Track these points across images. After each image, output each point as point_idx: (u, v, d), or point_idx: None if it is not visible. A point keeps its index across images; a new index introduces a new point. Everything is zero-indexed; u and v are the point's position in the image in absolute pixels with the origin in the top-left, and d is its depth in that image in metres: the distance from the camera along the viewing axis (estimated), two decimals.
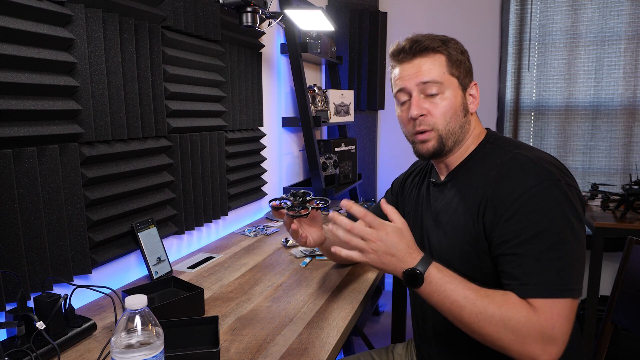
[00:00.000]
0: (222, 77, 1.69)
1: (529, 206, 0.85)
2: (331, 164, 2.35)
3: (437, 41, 0.99)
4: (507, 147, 0.97)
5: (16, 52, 0.93)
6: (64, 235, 1.05)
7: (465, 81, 1.01)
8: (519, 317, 0.80)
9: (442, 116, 0.98)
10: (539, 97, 2.80)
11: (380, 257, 0.88)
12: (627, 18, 2.59)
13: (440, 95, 0.98)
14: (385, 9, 3.04)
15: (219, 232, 1.77)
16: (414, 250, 0.89)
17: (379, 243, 0.87)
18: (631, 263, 1.18)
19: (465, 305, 0.83)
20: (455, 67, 0.99)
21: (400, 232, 0.89)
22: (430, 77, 0.97)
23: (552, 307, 0.81)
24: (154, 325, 0.70)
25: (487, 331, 0.82)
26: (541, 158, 0.91)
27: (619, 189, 2.57)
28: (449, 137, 0.99)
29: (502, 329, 0.80)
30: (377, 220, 0.89)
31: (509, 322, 0.80)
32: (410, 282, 0.86)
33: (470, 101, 1.02)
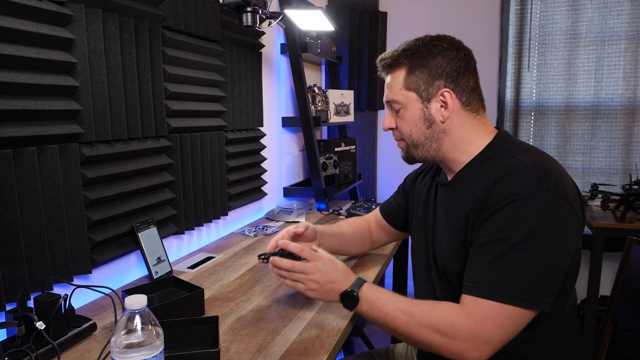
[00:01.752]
0: (222, 77, 1.69)
1: (506, 211, 0.86)
2: (331, 164, 2.35)
3: (398, 54, 0.99)
4: (513, 151, 0.95)
5: (16, 52, 0.93)
6: (64, 235, 1.05)
7: (429, 91, 0.97)
8: (446, 320, 0.85)
9: (404, 129, 1.02)
10: (539, 97, 2.80)
11: (323, 286, 0.97)
12: (627, 18, 2.59)
13: (402, 110, 1.01)
14: (385, 9, 3.04)
15: (219, 232, 1.77)
16: (349, 274, 0.99)
17: (319, 274, 0.97)
18: (631, 263, 1.18)
19: (396, 316, 0.90)
20: (413, 78, 0.97)
21: (333, 262, 1.00)
22: (389, 96, 1.02)
23: (483, 308, 0.84)
24: (154, 325, 0.70)
25: (418, 336, 0.88)
26: (539, 166, 0.88)
27: (619, 189, 2.57)
28: (416, 147, 1.02)
29: (431, 333, 0.86)
30: (312, 254, 1.00)
31: (436, 325, 0.86)
32: (348, 302, 0.95)
33: (436, 111, 0.98)
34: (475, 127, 1.00)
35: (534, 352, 0.93)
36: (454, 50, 0.97)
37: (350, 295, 0.94)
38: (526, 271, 0.83)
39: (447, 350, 0.85)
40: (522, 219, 0.83)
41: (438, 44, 0.97)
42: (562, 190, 0.85)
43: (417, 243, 1.14)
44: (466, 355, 0.84)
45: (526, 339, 0.91)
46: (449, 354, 0.86)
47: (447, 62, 0.96)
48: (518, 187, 0.85)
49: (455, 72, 0.97)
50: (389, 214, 1.31)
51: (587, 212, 2.21)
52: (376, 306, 0.93)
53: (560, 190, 0.85)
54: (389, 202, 1.32)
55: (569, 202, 0.85)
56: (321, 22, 1.94)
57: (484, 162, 0.97)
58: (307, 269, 0.98)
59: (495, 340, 0.83)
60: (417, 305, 0.90)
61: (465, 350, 0.84)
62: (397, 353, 1.30)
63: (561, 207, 0.84)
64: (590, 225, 2.06)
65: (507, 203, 0.85)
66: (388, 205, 1.32)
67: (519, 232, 0.83)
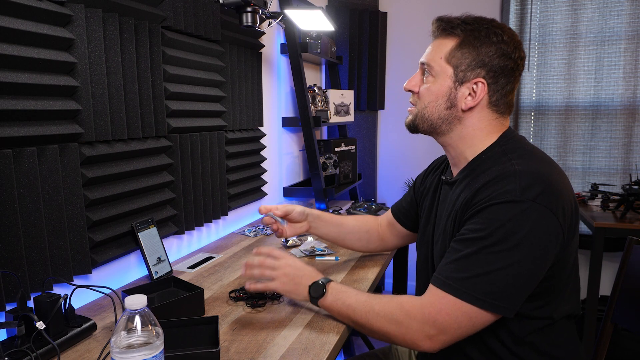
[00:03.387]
0: (222, 77, 1.69)
1: (485, 213, 0.86)
2: (331, 164, 2.35)
3: (459, 23, 0.96)
4: (511, 153, 0.93)
5: (16, 52, 0.93)
6: (64, 235, 1.05)
7: (467, 74, 0.94)
8: (402, 310, 0.89)
9: (423, 97, 0.99)
10: (539, 97, 2.80)
11: (293, 279, 1.03)
12: (627, 18, 2.59)
13: (431, 79, 0.98)
14: (385, 9, 3.04)
15: (219, 232, 1.77)
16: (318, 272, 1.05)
17: (289, 268, 1.04)
18: (631, 263, 1.18)
19: (356, 308, 0.95)
20: (460, 54, 0.94)
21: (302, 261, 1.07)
22: (426, 59, 0.99)
23: (441, 299, 0.85)
24: (153, 325, 0.70)
25: (376, 326, 0.92)
26: (529, 173, 0.86)
27: (619, 189, 2.57)
28: (423, 120, 1.00)
29: (387, 322, 0.90)
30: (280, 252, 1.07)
31: (392, 315, 0.90)
32: (315, 291, 1.01)
33: (464, 97, 0.95)
34: (490, 127, 0.98)
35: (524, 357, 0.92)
36: (511, 47, 0.93)
37: (319, 286, 1.00)
38: (491, 274, 0.83)
39: (402, 339, 0.89)
40: (497, 222, 0.83)
41: (499, 33, 0.93)
42: (547, 199, 0.83)
43: (420, 241, 1.14)
44: (419, 343, 0.87)
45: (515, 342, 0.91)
46: (403, 343, 0.90)
47: (498, 56, 0.93)
48: (502, 192, 0.85)
49: (500, 69, 0.93)
50: (399, 213, 1.30)
51: (587, 212, 2.21)
52: (340, 298, 0.98)
53: (544, 199, 0.83)
54: (400, 201, 1.32)
55: (551, 212, 0.83)
56: (321, 22, 1.94)
57: (483, 163, 0.96)
58: (277, 264, 1.05)
59: (449, 330, 0.85)
60: (377, 298, 0.95)
61: (417, 339, 0.87)
62: (397, 353, 1.30)
63: (540, 215, 0.83)
64: (590, 225, 2.06)
65: (488, 206, 0.86)
66: (399, 205, 1.31)
67: (492, 235, 0.83)
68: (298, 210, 1.24)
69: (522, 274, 0.83)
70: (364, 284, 1.24)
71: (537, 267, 0.84)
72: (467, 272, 0.84)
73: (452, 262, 0.87)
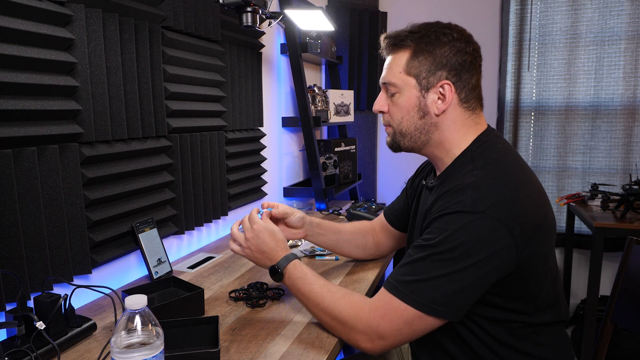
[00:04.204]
0: (222, 77, 1.69)
1: (437, 222, 0.88)
2: (331, 164, 2.35)
3: (407, 34, 0.95)
4: (477, 161, 0.93)
5: (16, 52, 0.93)
6: (64, 235, 1.05)
7: (429, 80, 0.94)
8: (349, 312, 0.91)
9: (395, 115, 1.00)
10: (539, 97, 2.80)
11: (254, 253, 1.07)
12: (627, 18, 2.59)
13: (397, 95, 0.98)
14: (385, 9, 3.04)
15: (219, 232, 1.77)
16: (281, 249, 1.05)
17: (252, 241, 1.07)
18: (631, 263, 1.18)
19: (309, 298, 0.98)
20: (416, 63, 0.94)
21: (271, 233, 1.07)
22: (387, 78, 0.99)
23: (387, 304, 0.87)
24: (154, 325, 0.70)
25: (323, 320, 0.96)
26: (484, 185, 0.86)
27: (619, 189, 2.57)
28: (403, 136, 1.00)
29: (333, 320, 0.94)
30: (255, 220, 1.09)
31: (339, 314, 0.92)
32: (273, 275, 1.03)
33: (432, 102, 0.95)
34: (466, 127, 0.97)
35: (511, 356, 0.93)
36: (463, 42, 0.94)
37: (275, 271, 1.03)
38: (435, 279, 0.84)
39: (346, 338, 0.93)
40: (446, 231, 0.84)
41: (448, 33, 0.93)
42: (498, 211, 0.82)
43: (407, 244, 1.16)
44: (361, 344, 0.90)
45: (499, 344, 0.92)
46: (347, 341, 0.93)
47: (454, 54, 0.93)
48: (454, 203, 0.86)
49: (460, 66, 0.93)
50: (391, 216, 1.31)
51: (587, 212, 2.21)
52: (295, 285, 1.00)
53: (495, 211, 0.82)
54: (392, 204, 1.32)
55: (502, 224, 0.82)
56: (321, 22, 1.94)
57: (455, 171, 0.96)
58: (246, 234, 1.08)
59: (390, 337, 0.88)
60: (330, 292, 0.96)
61: (360, 340, 0.90)
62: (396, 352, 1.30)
63: (489, 227, 0.82)
64: (590, 225, 2.06)
65: (440, 215, 0.87)
66: (391, 208, 1.31)
67: (441, 243, 0.84)
68: (298, 216, 1.22)
69: (466, 282, 0.84)
70: (364, 284, 1.24)
71: (481, 277, 0.84)
72: (413, 276, 0.86)
73: (403, 265, 0.89)
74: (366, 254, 1.38)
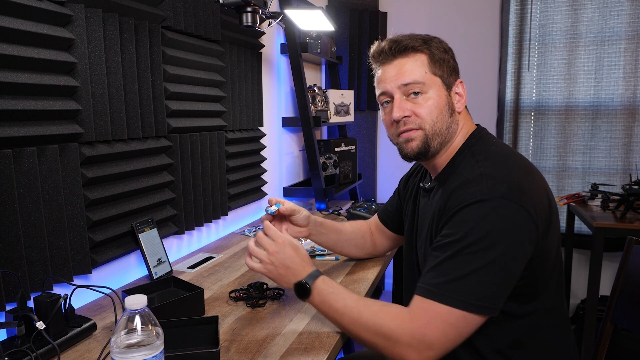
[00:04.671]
0: (222, 77, 1.69)
1: (457, 217, 0.86)
2: (331, 164, 2.35)
3: (418, 40, 0.97)
4: (478, 155, 0.94)
5: (16, 52, 0.93)
6: (64, 235, 1.05)
7: (450, 80, 0.99)
8: (391, 324, 0.85)
9: (428, 116, 0.96)
10: (539, 97, 2.80)
11: (277, 269, 0.98)
12: (627, 18, 2.59)
13: (423, 95, 0.96)
14: (385, 9, 3.04)
15: (219, 232, 1.77)
16: (307, 264, 0.98)
17: (277, 255, 0.98)
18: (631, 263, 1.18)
19: (344, 313, 0.91)
20: (437, 66, 0.97)
21: (296, 247, 0.99)
22: (412, 78, 0.95)
23: (428, 311, 0.83)
24: (154, 325, 0.70)
25: (363, 336, 0.89)
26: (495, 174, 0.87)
27: (619, 189, 2.56)
28: (435, 137, 0.97)
29: (374, 335, 0.87)
30: (277, 234, 1.00)
31: (380, 328, 0.86)
32: (300, 293, 0.96)
33: (456, 100, 1.00)
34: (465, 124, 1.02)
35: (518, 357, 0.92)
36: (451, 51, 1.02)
37: (303, 287, 0.95)
38: (471, 275, 0.82)
39: (390, 353, 0.86)
40: (470, 223, 0.84)
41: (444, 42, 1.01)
42: (514, 195, 0.84)
43: (406, 245, 1.15)
44: (408, 358, 0.84)
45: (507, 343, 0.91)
46: (391, 357, 0.87)
47: (451, 57, 1.00)
48: (470, 194, 0.86)
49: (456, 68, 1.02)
50: (385, 217, 1.31)
51: (587, 212, 2.21)
52: (327, 301, 0.93)
53: (512, 195, 0.84)
54: (385, 205, 1.32)
55: (521, 206, 0.83)
56: (321, 22, 1.94)
57: (456, 168, 0.97)
58: (267, 246, 0.99)
59: (437, 345, 0.83)
60: (366, 306, 0.90)
61: (406, 354, 0.84)
62: None
63: (511, 211, 0.83)
64: (590, 225, 2.06)
65: (459, 209, 0.86)
66: (385, 209, 1.31)
67: (467, 237, 0.83)
68: (304, 215, 1.20)
69: (501, 270, 0.83)
70: (364, 284, 1.24)
71: (514, 262, 0.84)
72: (447, 276, 0.83)
73: (432, 269, 0.86)
74: (364, 254, 1.38)
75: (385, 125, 1.04)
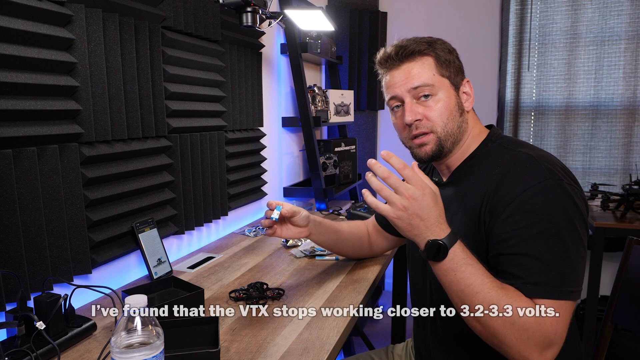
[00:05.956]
0: (222, 77, 1.69)
1: (527, 205, 0.84)
2: (331, 164, 2.35)
3: (423, 44, 0.98)
4: (510, 145, 0.96)
5: (16, 52, 0.93)
6: (64, 235, 1.05)
7: (457, 80, 1.00)
8: (530, 317, 0.78)
9: (439, 118, 0.96)
10: (539, 97, 2.80)
11: (410, 217, 0.82)
12: (627, 18, 2.59)
13: (433, 98, 0.97)
14: (385, 9, 3.04)
15: (219, 232, 1.77)
16: (444, 222, 0.84)
17: (412, 202, 0.81)
18: (631, 263, 1.18)
19: (480, 292, 0.80)
20: (444, 67, 0.98)
21: (435, 198, 0.84)
22: (421, 80, 0.96)
23: (556, 310, 0.80)
24: (154, 325, 0.70)
25: (493, 323, 0.79)
26: (544, 157, 0.90)
27: (619, 189, 2.56)
28: (448, 138, 0.98)
29: (510, 325, 0.78)
30: (416, 177, 0.83)
31: (518, 319, 0.78)
32: (432, 254, 0.82)
33: (464, 99, 1.01)
34: (477, 123, 1.04)
35: None
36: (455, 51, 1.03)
37: (439, 248, 0.82)
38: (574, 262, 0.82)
39: (516, 351, 0.79)
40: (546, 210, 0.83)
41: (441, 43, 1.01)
42: (571, 175, 0.89)
43: (413, 248, 1.12)
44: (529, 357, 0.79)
45: None
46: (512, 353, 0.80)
47: (456, 57, 1.01)
48: (532, 178, 0.86)
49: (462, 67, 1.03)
50: (383, 220, 1.30)
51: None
52: (462, 271, 0.82)
53: (567, 177, 0.87)
54: None
55: (579, 188, 0.88)
56: (321, 22, 1.94)
57: (481, 159, 0.98)
58: (402, 189, 0.82)
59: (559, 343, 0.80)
60: (504, 289, 0.81)
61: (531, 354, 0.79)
62: (396, 354, 1.29)
63: (575, 192, 0.86)
64: (590, 225, 2.06)
65: (526, 197, 0.84)
66: None
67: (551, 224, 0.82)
68: (303, 215, 1.20)
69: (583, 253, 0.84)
70: (364, 284, 1.24)
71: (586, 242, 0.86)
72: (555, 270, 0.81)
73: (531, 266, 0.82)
74: (361, 254, 1.39)
75: (397, 129, 1.04)
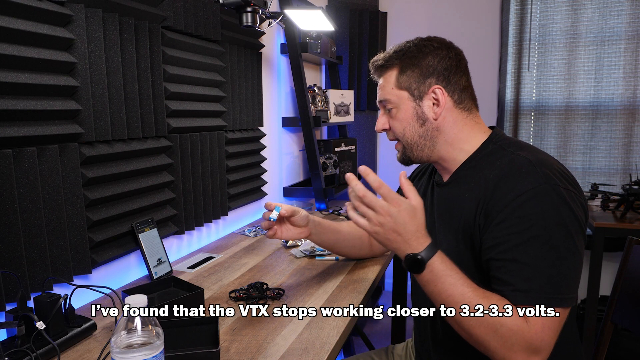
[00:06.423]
0: (222, 77, 1.69)
1: (521, 210, 0.84)
2: (331, 164, 2.35)
3: (391, 54, 1.01)
4: (510, 147, 0.95)
5: (16, 52, 0.93)
6: (64, 235, 1.05)
7: (421, 89, 0.98)
8: (511, 325, 0.79)
9: (397, 129, 1.03)
10: (539, 97, 2.80)
11: (386, 233, 0.85)
12: (627, 18, 2.59)
13: (394, 110, 1.02)
14: (385, 9, 3.04)
15: (219, 232, 1.77)
16: (422, 235, 0.86)
17: (388, 218, 0.84)
18: (631, 263, 1.18)
19: (460, 302, 0.82)
20: (405, 77, 0.99)
21: (413, 212, 0.85)
22: (382, 95, 1.03)
23: (542, 317, 0.80)
24: (154, 325, 0.70)
25: (477, 332, 0.81)
26: (542, 161, 0.88)
27: (619, 189, 2.56)
28: (411, 147, 1.03)
29: (492, 333, 0.80)
30: (392, 194, 0.85)
31: (500, 328, 0.80)
32: (411, 267, 0.85)
33: (428, 108, 0.99)
34: (469, 126, 1.01)
35: None
36: (444, 49, 0.99)
37: (417, 262, 0.84)
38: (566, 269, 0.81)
39: (501, 357, 0.81)
40: (539, 215, 0.82)
41: (428, 44, 1.00)
42: (572, 183, 0.87)
43: None
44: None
45: None
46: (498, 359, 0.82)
47: (438, 61, 0.98)
48: (527, 183, 0.85)
49: (447, 71, 0.98)
50: None
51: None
52: (442, 283, 0.84)
53: (565, 182, 0.86)
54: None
55: (577, 194, 0.86)
56: (321, 22, 1.94)
57: (481, 160, 0.97)
58: (377, 207, 0.85)
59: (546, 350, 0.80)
60: (486, 298, 0.82)
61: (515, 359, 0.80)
62: (397, 354, 1.30)
63: (572, 198, 0.85)
64: (590, 225, 2.06)
65: (519, 203, 0.84)
66: None
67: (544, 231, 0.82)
68: (303, 215, 1.20)
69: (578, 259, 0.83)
70: (364, 284, 1.24)
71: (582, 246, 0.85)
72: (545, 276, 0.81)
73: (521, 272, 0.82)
74: (361, 254, 1.39)
75: None
